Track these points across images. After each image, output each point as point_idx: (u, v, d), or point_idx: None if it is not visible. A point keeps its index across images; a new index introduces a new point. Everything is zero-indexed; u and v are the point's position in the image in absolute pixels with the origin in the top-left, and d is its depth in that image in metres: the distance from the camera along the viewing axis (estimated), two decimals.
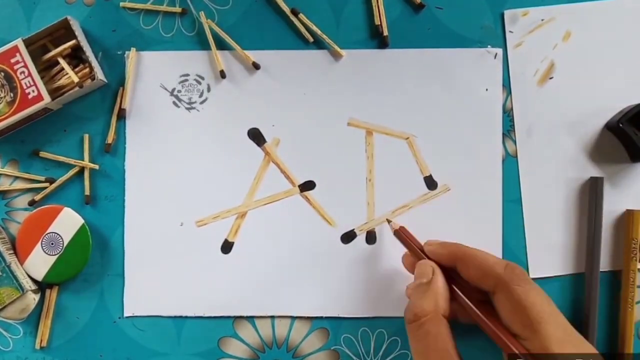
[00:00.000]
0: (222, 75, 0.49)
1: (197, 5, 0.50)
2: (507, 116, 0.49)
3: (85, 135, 0.49)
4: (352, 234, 0.49)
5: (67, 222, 0.48)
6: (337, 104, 0.49)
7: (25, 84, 0.46)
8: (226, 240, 0.49)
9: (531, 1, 0.49)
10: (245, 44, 0.49)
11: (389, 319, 0.49)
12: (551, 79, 0.49)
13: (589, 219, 0.48)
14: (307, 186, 0.50)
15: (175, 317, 0.49)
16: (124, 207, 0.49)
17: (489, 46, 0.49)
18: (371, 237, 0.49)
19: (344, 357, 0.49)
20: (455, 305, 0.42)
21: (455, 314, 0.43)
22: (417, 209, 0.49)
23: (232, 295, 0.49)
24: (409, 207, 0.49)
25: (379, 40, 0.49)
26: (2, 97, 0.46)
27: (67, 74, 0.48)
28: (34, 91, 0.46)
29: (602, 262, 0.48)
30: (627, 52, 0.49)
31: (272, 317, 0.49)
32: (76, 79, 0.47)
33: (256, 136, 0.50)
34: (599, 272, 0.47)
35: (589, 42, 0.49)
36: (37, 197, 0.49)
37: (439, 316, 0.40)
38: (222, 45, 0.50)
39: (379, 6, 0.49)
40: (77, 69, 0.48)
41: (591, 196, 0.48)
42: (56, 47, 0.48)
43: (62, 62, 0.48)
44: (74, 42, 0.48)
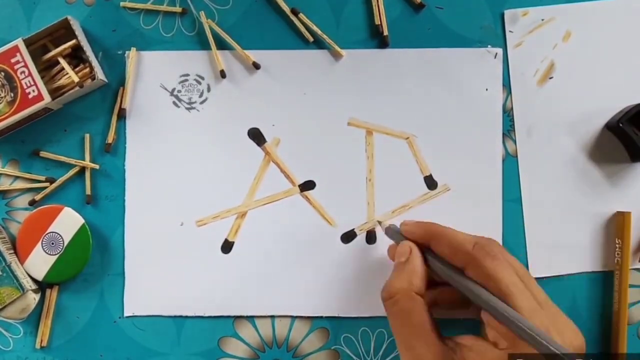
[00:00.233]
0: (222, 75, 0.49)
1: (197, 5, 0.50)
2: (507, 116, 0.49)
3: (86, 135, 0.50)
4: (352, 234, 0.49)
5: (68, 222, 0.48)
6: (337, 103, 0.49)
7: (25, 83, 0.46)
8: (226, 240, 0.49)
9: (531, 1, 0.49)
10: (245, 43, 0.49)
11: None
12: (551, 78, 0.49)
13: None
14: (307, 186, 0.50)
15: (175, 316, 0.49)
16: (124, 206, 0.49)
17: (489, 46, 0.49)
18: (371, 237, 0.49)
19: (344, 357, 0.49)
20: (436, 291, 0.43)
21: (436, 299, 0.44)
22: (417, 208, 0.49)
23: (232, 295, 0.49)
24: (409, 207, 0.49)
25: (379, 40, 0.49)
26: (2, 97, 0.46)
27: (67, 73, 0.48)
28: (34, 91, 0.46)
29: (601, 262, 0.48)
30: (627, 52, 0.49)
31: (272, 316, 0.49)
32: (76, 79, 0.47)
33: (256, 136, 0.50)
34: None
35: (589, 42, 0.49)
36: (38, 197, 0.49)
37: (412, 293, 0.40)
38: (222, 45, 0.50)
39: (379, 6, 0.49)
40: (77, 69, 0.48)
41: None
42: (56, 47, 0.48)
43: (63, 62, 0.48)
44: (74, 42, 0.48)
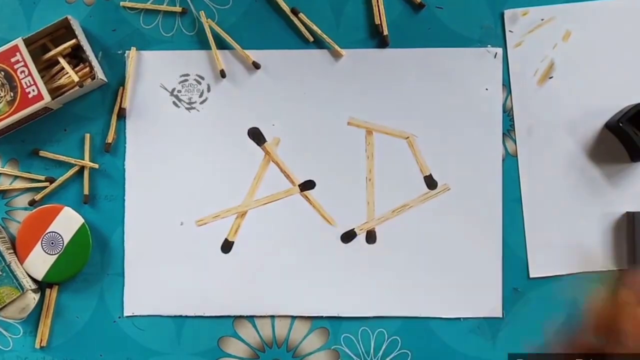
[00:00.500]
0: (222, 74, 0.49)
1: (197, 4, 0.50)
2: (507, 115, 0.49)
3: (86, 134, 0.49)
4: (352, 234, 0.49)
5: (67, 222, 0.48)
6: (337, 103, 0.49)
7: (25, 83, 0.46)
8: (226, 239, 0.49)
9: (531, 1, 0.49)
10: (245, 43, 0.49)
11: (389, 319, 0.49)
12: (551, 78, 0.49)
13: (628, 255, 0.48)
14: (307, 185, 0.50)
15: (175, 316, 0.49)
16: (124, 206, 0.49)
17: (489, 46, 0.49)
18: (371, 237, 0.49)
19: (344, 357, 0.49)
20: None
21: None
22: (417, 208, 0.49)
23: (232, 294, 0.49)
24: (409, 207, 0.49)
25: (379, 39, 0.49)
26: (2, 97, 0.46)
27: (67, 73, 0.48)
28: (34, 90, 0.46)
29: (601, 262, 0.48)
30: (627, 51, 0.49)
31: (272, 316, 0.49)
32: (76, 79, 0.47)
33: (256, 135, 0.50)
34: None
35: (589, 41, 0.49)
36: (38, 197, 0.49)
37: None
38: (222, 44, 0.50)
39: (379, 6, 0.49)
40: (77, 69, 0.48)
41: (628, 231, 0.48)
42: (56, 46, 0.48)
43: (62, 62, 0.48)
44: (74, 41, 0.48)
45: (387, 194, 0.49)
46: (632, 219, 0.47)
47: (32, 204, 0.49)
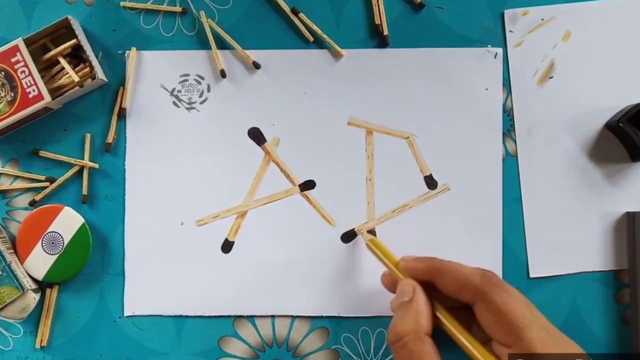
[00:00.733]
0: (223, 74, 0.49)
1: (197, 4, 0.50)
2: (507, 115, 0.49)
3: (87, 134, 0.50)
4: (352, 234, 0.49)
5: (68, 222, 0.48)
6: (337, 103, 0.49)
7: (25, 83, 0.46)
8: (226, 239, 0.49)
9: (531, 1, 0.49)
10: (245, 43, 0.49)
11: (390, 318, 0.48)
12: (551, 78, 0.49)
13: (628, 255, 0.48)
14: (307, 185, 0.50)
15: (175, 316, 0.49)
16: (124, 206, 0.49)
17: (489, 46, 0.49)
18: None
19: (344, 357, 0.49)
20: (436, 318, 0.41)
21: (438, 325, 0.42)
22: (417, 208, 0.49)
23: (232, 294, 0.49)
24: (409, 207, 0.49)
25: (379, 39, 0.50)
26: (2, 97, 0.46)
27: (67, 73, 0.48)
28: (34, 90, 0.46)
29: (602, 262, 0.48)
30: (627, 51, 0.49)
31: (273, 316, 0.49)
32: (76, 79, 0.47)
33: (256, 135, 0.50)
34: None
35: (589, 41, 0.49)
36: (38, 197, 0.49)
37: (421, 335, 0.38)
38: (222, 44, 0.50)
39: (379, 5, 0.49)
40: (77, 69, 0.48)
41: (629, 231, 0.48)
42: (56, 46, 0.48)
43: (63, 62, 0.48)
44: (74, 41, 0.48)
45: (387, 193, 0.49)
46: (632, 219, 0.47)
47: (33, 204, 0.49)
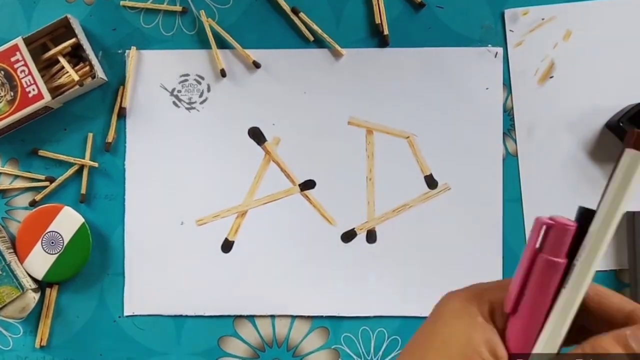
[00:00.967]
0: (223, 74, 0.49)
1: (197, 4, 0.50)
2: (508, 115, 0.49)
3: (89, 134, 0.49)
4: (352, 233, 0.49)
5: (68, 221, 0.48)
6: (338, 102, 0.49)
7: (25, 82, 0.46)
8: (226, 239, 0.49)
9: (532, 0, 0.49)
10: (245, 42, 0.49)
11: (390, 318, 0.49)
12: (551, 78, 0.49)
13: (628, 255, 0.48)
14: (308, 185, 0.50)
15: (175, 316, 0.49)
16: (124, 206, 0.49)
17: (489, 45, 0.49)
18: (371, 236, 0.49)
19: (344, 356, 0.49)
20: None
21: None
22: (418, 208, 0.49)
23: (232, 294, 0.49)
24: (410, 206, 0.49)
25: (379, 39, 0.49)
26: (2, 96, 0.46)
27: (67, 72, 0.48)
28: (34, 90, 0.46)
29: (602, 262, 0.48)
30: (627, 51, 0.49)
31: (272, 316, 0.49)
32: (76, 78, 0.47)
33: (256, 135, 0.50)
34: None
35: (590, 41, 0.49)
36: (38, 197, 0.49)
37: None
38: (222, 44, 0.50)
39: (379, 5, 0.49)
40: (77, 68, 0.48)
41: (629, 231, 0.48)
42: (56, 45, 0.48)
43: (62, 61, 0.48)
44: (74, 40, 0.48)
45: (388, 193, 0.49)
46: (632, 219, 0.47)
47: (33, 204, 0.49)
